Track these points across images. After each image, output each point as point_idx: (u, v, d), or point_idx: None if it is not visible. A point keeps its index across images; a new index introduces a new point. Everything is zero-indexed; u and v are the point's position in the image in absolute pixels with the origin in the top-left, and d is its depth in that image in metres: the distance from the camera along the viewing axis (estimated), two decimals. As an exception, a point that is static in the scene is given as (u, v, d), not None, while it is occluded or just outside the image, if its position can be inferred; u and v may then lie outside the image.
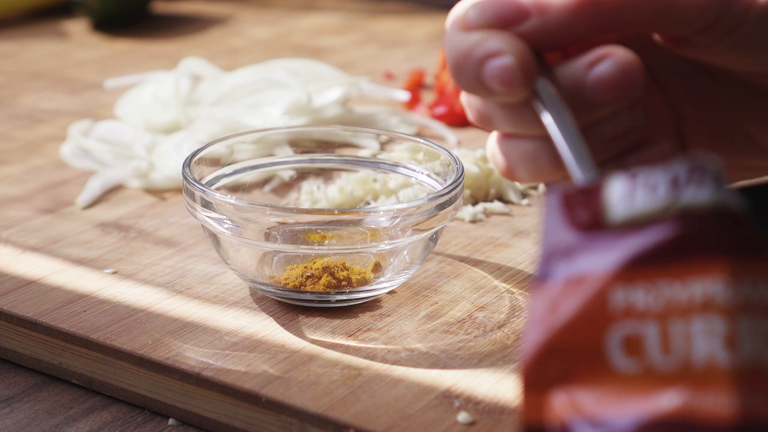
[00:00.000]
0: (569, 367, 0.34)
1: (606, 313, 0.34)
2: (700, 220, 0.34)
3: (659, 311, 0.34)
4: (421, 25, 1.25)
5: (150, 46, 1.17)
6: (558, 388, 0.34)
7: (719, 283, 0.33)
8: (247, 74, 0.88)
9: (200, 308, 0.60)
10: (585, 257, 0.35)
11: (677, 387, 0.33)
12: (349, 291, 0.59)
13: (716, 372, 0.33)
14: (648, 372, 0.33)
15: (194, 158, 0.62)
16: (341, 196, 0.70)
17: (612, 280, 0.34)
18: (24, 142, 0.87)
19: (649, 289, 0.34)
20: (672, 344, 0.33)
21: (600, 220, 0.35)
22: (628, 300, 0.34)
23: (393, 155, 0.70)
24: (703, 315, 0.33)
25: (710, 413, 0.32)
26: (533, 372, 0.35)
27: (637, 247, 0.34)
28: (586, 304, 0.34)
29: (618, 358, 0.34)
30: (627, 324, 0.34)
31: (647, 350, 0.34)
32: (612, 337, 0.34)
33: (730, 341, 0.33)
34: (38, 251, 0.67)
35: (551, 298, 0.35)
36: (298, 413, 0.51)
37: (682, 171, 0.35)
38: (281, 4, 1.36)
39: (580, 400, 0.34)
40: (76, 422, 0.55)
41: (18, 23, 1.24)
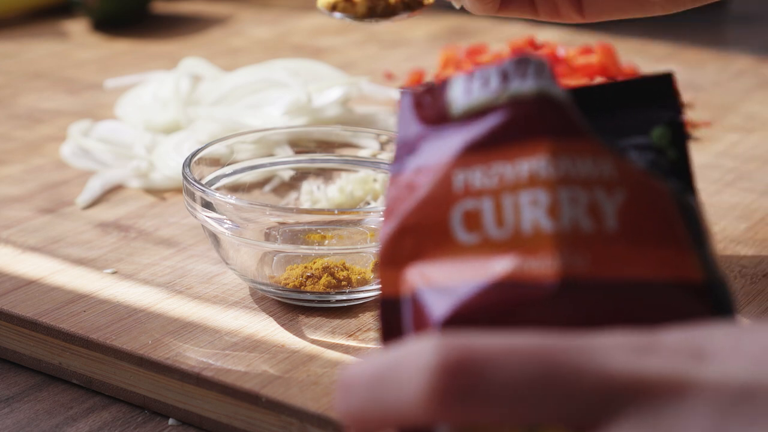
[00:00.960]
0: (420, 244, 0.38)
1: (449, 194, 0.38)
2: (525, 106, 0.38)
3: (493, 188, 0.38)
4: (421, 25, 1.25)
5: (150, 46, 1.17)
6: (410, 264, 0.38)
7: (542, 161, 0.37)
8: (247, 74, 0.88)
9: (200, 308, 0.60)
10: (432, 148, 0.39)
11: (510, 254, 0.37)
12: (349, 291, 0.59)
13: (541, 237, 0.36)
14: (485, 243, 0.37)
15: (194, 158, 0.62)
16: (341, 196, 0.70)
17: (453, 165, 0.38)
18: (24, 142, 0.87)
19: (484, 170, 0.38)
20: (504, 216, 0.37)
21: (444, 113, 0.39)
22: (467, 180, 0.38)
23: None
24: (529, 189, 0.37)
25: (537, 274, 0.36)
26: (388, 250, 0.38)
27: (473, 134, 0.39)
28: (432, 187, 0.38)
29: (460, 232, 0.38)
30: (467, 201, 0.38)
31: (484, 223, 0.37)
32: (455, 214, 0.38)
33: (552, 210, 0.37)
34: (38, 251, 0.67)
35: (404, 186, 0.39)
36: (298, 413, 0.51)
37: (510, 66, 0.39)
38: (281, 4, 1.36)
39: (429, 272, 0.37)
40: (76, 422, 0.55)
41: (18, 23, 1.24)
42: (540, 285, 0.36)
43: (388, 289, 0.38)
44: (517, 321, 0.36)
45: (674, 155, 0.40)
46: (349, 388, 0.33)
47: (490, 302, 0.36)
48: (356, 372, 0.34)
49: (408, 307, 0.38)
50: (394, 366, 0.33)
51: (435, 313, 0.37)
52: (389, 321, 0.38)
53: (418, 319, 0.37)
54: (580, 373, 0.32)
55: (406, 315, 0.38)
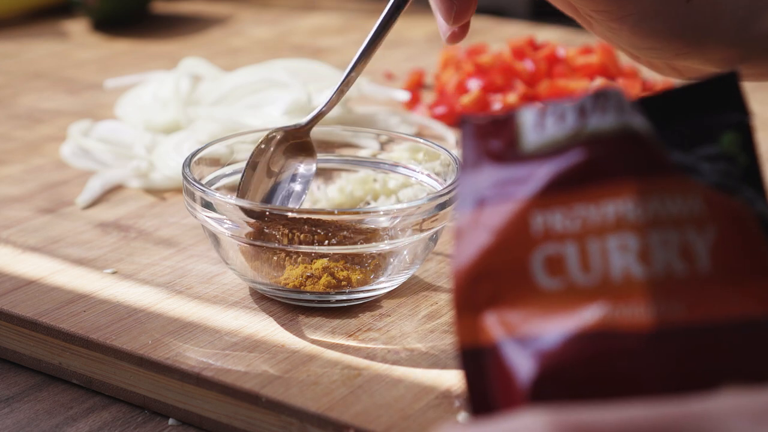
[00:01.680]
0: (498, 289, 0.36)
1: (528, 237, 0.36)
2: (606, 144, 0.36)
3: (576, 232, 0.36)
4: (421, 25, 1.25)
5: (150, 46, 1.17)
6: (489, 311, 0.36)
7: (629, 203, 0.36)
8: (247, 74, 0.88)
9: (200, 308, 0.60)
10: (504, 185, 0.37)
11: (598, 301, 0.35)
12: (349, 291, 0.59)
13: (632, 284, 0.35)
14: (570, 289, 0.36)
15: (194, 158, 0.62)
16: (341, 196, 0.70)
17: (530, 206, 0.37)
18: (24, 142, 0.87)
19: (565, 212, 0.36)
20: (591, 262, 0.36)
21: (514, 148, 0.37)
22: (547, 223, 0.36)
23: (393, 155, 0.70)
24: (617, 233, 0.36)
25: (629, 322, 0.34)
26: (464, 296, 0.36)
27: (551, 173, 0.37)
28: (508, 229, 0.37)
29: (542, 278, 0.36)
30: (548, 246, 0.36)
31: (569, 269, 0.36)
32: (535, 258, 0.36)
33: (643, 255, 0.35)
34: (38, 251, 0.67)
35: (475, 225, 0.37)
36: (298, 413, 0.51)
37: (588, 100, 0.37)
38: (281, 4, 1.36)
39: (510, 320, 0.36)
40: (76, 422, 0.55)
41: (18, 23, 1.24)
42: (634, 334, 0.34)
43: (467, 338, 0.36)
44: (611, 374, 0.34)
45: (745, 161, 0.38)
46: None
47: (580, 354, 0.35)
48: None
49: (491, 359, 0.36)
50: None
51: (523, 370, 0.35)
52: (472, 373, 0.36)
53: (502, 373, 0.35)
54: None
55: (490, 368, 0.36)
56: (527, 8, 1.45)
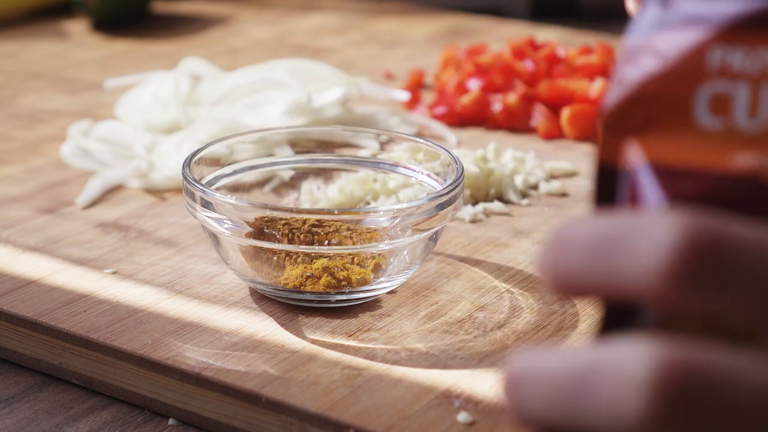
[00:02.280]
0: (653, 117, 0.34)
1: (700, 70, 0.34)
2: None
3: (754, 75, 0.34)
4: (421, 25, 1.25)
5: (150, 46, 1.17)
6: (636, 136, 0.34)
7: None
8: (247, 74, 0.88)
9: (200, 308, 0.60)
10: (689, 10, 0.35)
11: (756, 149, 0.33)
12: (349, 291, 0.59)
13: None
14: (730, 132, 0.34)
15: (194, 158, 0.62)
16: (341, 196, 0.70)
17: (712, 39, 0.34)
18: (24, 142, 0.87)
19: (748, 52, 0.34)
20: (760, 108, 0.34)
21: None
22: (726, 60, 0.34)
23: (393, 155, 0.70)
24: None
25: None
26: (616, 116, 0.35)
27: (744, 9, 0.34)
28: (682, 58, 0.34)
29: (703, 114, 0.34)
30: (719, 83, 0.34)
31: (734, 110, 0.34)
32: (702, 93, 0.34)
33: None
34: (38, 251, 0.67)
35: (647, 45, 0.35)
36: (298, 413, 0.51)
37: None
38: (281, 4, 1.36)
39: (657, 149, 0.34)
40: (76, 422, 0.55)
41: (18, 23, 1.24)
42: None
43: (607, 155, 0.35)
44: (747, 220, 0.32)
45: None
46: (567, 245, 0.30)
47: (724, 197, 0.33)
48: (578, 230, 0.30)
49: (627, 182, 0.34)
50: (628, 231, 0.30)
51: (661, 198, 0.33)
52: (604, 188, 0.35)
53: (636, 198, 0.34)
54: None
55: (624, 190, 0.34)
56: (527, 8, 1.45)
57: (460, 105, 0.89)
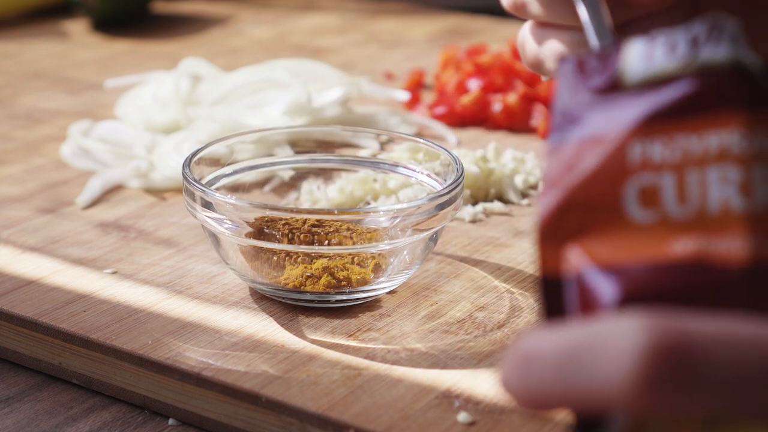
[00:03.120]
0: (586, 220, 0.35)
1: (623, 167, 0.35)
2: (717, 76, 0.35)
3: (676, 162, 0.34)
4: (421, 25, 1.25)
5: (150, 46, 1.17)
6: (575, 242, 0.35)
7: (735, 134, 0.34)
8: (247, 74, 0.88)
9: (200, 308, 0.60)
10: (601, 118, 0.36)
11: (692, 234, 0.34)
12: (349, 291, 0.59)
13: (730, 217, 0.33)
14: (664, 221, 0.34)
15: (194, 158, 0.62)
16: (341, 196, 0.70)
17: (630, 136, 0.35)
18: (24, 142, 0.87)
19: (666, 142, 0.35)
20: (688, 193, 0.34)
21: (617, 82, 0.36)
22: (645, 153, 0.35)
23: (393, 155, 0.70)
24: (719, 164, 0.34)
25: (723, 256, 0.33)
26: (551, 226, 0.35)
27: (655, 103, 0.35)
28: (603, 160, 0.35)
29: (634, 209, 0.35)
30: (644, 176, 0.35)
31: (663, 200, 0.34)
32: (629, 189, 0.35)
33: (744, 187, 0.34)
34: (38, 251, 0.67)
35: (567, 158, 0.36)
36: (298, 413, 0.51)
37: (702, 30, 0.36)
38: (281, 4, 1.36)
39: (597, 251, 0.35)
40: (76, 422, 0.55)
41: (18, 23, 1.24)
42: (728, 269, 0.33)
43: (549, 267, 0.35)
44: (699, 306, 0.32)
45: None
46: (532, 363, 0.31)
47: (668, 286, 0.33)
48: (542, 345, 0.31)
49: (572, 287, 0.35)
50: (591, 343, 0.30)
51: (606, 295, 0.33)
52: (551, 302, 0.35)
53: (584, 301, 0.34)
54: None
55: (570, 296, 0.35)
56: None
57: (460, 105, 0.89)
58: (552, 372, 0.30)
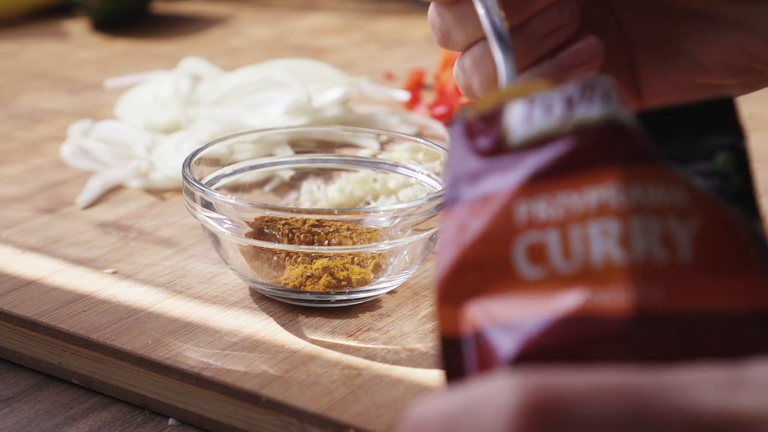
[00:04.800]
0: (480, 280, 0.36)
1: (511, 227, 0.37)
2: (592, 133, 0.37)
3: (559, 219, 0.36)
4: (421, 25, 1.25)
5: (150, 46, 1.17)
6: (471, 302, 0.36)
7: (612, 189, 0.36)
8: (247, 74, 0.88)
9: (200, 308, 0.60)
10: (489, 179, 0.38)
11: (579, 287, 0.35)
12: (349, 291, 0.59)
13: (612, 269, 0.35)
14: (552, 276, 0.36)
15: (194, 158, 0.62)
16: (341, 196, 0.70)
17: (515, 196, 0.37)
18: (24, 142, 0.87)
19: (549, 200, 0.36)
20: (572, 248, 0.36)
21: (502, 144, 0.38)
22: (531, 212, 0.36)
23: (393, 155, 0.70)
24: (599, 219, 0.36)
25: (609, 308, 0.34)
26: (447, 288, 0.37)
27: (537, 163, 0.37)
28: (492, 220, 0.37)
29: (524, 266, 0.36)
30: (530, 234, 0.36)
31: (550, 256, 0.36)
32: (517, 247, 0.36)
33: (623, 240, 0.35)
34: (38, 251, 0.67)
35: (460, 219, 0.37)
36: (298, 413, 0.51)
37: (575, 91, 0.37)
38: (281, 4, 1.36)
39: (492, 309, 0.36)
40: (76, 422, 0.55)
41: (18, 23, 1.24)
42: (613, 319, 0.34)
43: (448, 328, 0.36)
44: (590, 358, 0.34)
45: (739, 181, 0.38)
46: (419, 427, 0.32)
47: (560, 339, 0.34)
48: (427, 412, 0.32)
49: (471, 346, 0.36)
50: (469, 407, 0.31)
51: (502, 352, 0.35)
52: (451, 362, 0.36)
53: (482, 359, 0.36)
54: (669, 412, 0.30)
55: (470, 355, 0.36)
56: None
57: (460, 105, 0.89)
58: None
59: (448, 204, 0.38)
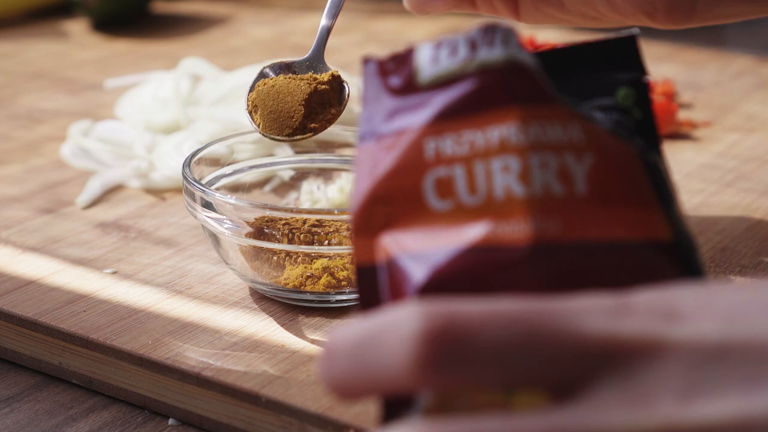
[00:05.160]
0: (393, 212, 0.38)
1: (421, 162, 0.39)
2: (494, 74, 0.39)
3: (465, 155, 0.38)
4: (421, 25, 1.25)
5: (150, 46, 1.17)
6: (384, 232, 0.38)
7: (512, 127, 0.38)
8: (247, 74, 0.88)
9: (200, 308, 0.60)
10: (401, 116, 0.40)
11: (483, 219, 0.37)
12: (349, 291, 0.59)
13: (513, 202, 0.37)
14: (458, 209, 0.38)
15: (194, 158, 0.62)
16: (341, 196, 0.70)
17: (424, 133, 0.39)
18: (23, 142, 0.87)
19: (455, 138, 0.39)
20: (477, 183, 0.38)
21: (412, 82, 0.40)
22: (438, 148, 0.39)
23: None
24: (500, 155, 0.38)
25: (510, 238, 0.37)
26: (361, 219, 0.39)
27: (443, 102, 0.39)
28: (403, 156, 0.39)
29: (433, 200, 0.38)
30: (439, 169, 0.38)
31: (457, 190, 0.38)
32: (427, 181, 0.38)
33: (523, 175, 0.37)
34: (38, 251, 0.67)
35: (373, 154, 0.39)
36: (298, 413, 0.51)
37: (478, 34, 0.39)
38: (281, 4, 1.36)
39: (404, 239, 0.38)
40: (76, 422, 0.55)
41: (18, 23, 1.24)
42: (513, 249, 0.36)
43: (363, 257, 0.39)
44: (493, 285, 0.36)
45: (639, 115, 0.41)
46: (332, 355, 0.34)
47: (465, 267, 0.37)
48: (338, 340, 0.34)
49: (384, 274, 0.38)
50: (376, 333, 0.33)
51: (412, 280, 0.37)
52: (366, 289, 0.38)
53: (394, 286, 0.38)
54: (558, 337, 0.32)
55: (383, 282, 0.38)
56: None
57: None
58: (347, 362, 0.33)
59: (362, 139, 0.40)
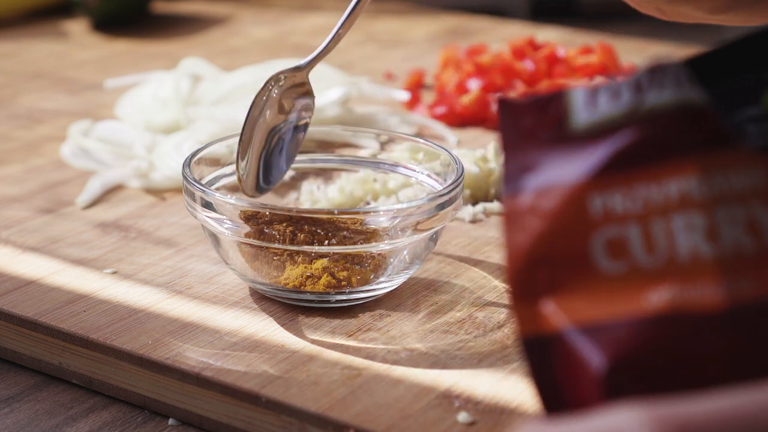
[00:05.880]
0: (556, 275, 0.35)
1: (586, 220, 0.35)
2: (665, 120, 0.35)
3: (639, 213, 0.35)
4: (421, 25, 1.25)
5: (150, 46, 1.16)
6: (548, 298, 0.35)
7: (692, 180, 0.35)
8: (247, 74, 0.88)
9: (200, 308, 0.60)
10: (552, 167, 0.36)
11: (665, 283, 0.34)
12: (349, 291, 0.59)
13: (701, 264, 0.34)
14: (635, 272, 0.35)
15: (194, 158, 0.62)
16: (341, 196, 0.70)
17: (586, 188, 0.35)
18: (23, 142, 0.87)
19: (625, 193, 0.35)
20: (655, 243, 0.35)
21: (563, 129, 0.36)
22: (607, 205, 0.35)
23: (393, 155, 0.70)
24: (682, 211, 0.34)
25: (700, 303, 0.34)
26: (522, 284, 0.35)
27: (607, 152, 0.35)
28: (563, 213, 0.35)
29: (604, 261, 0.35)
30: (608, 228, 0.35)
31: (632, 251, 0.35)
32: (595, 242, 0.35)
33: (710, 233, 0.34)
34: (38, 251, 0.67)
35: (526, 210, 0.36)
36: (298, 413, 0.51)
37: (644, 75, 0.36)
38: (281, 4, 1.36)
39: (573, 307, 0.35)
40: (76, 422, 0.55)
41: (18, 23, 1.24)
42: (706, 315, 0.33)
43: (528, 327, 0.35)
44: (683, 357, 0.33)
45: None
46: None
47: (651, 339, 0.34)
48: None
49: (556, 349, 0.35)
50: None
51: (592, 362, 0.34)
52: (538, 366, 0.35)
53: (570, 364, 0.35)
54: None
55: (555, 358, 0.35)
56: (527, 8, 1.45)
57: (460, 105, 0.89)
58: None
59: (509, 192, 0.36)
